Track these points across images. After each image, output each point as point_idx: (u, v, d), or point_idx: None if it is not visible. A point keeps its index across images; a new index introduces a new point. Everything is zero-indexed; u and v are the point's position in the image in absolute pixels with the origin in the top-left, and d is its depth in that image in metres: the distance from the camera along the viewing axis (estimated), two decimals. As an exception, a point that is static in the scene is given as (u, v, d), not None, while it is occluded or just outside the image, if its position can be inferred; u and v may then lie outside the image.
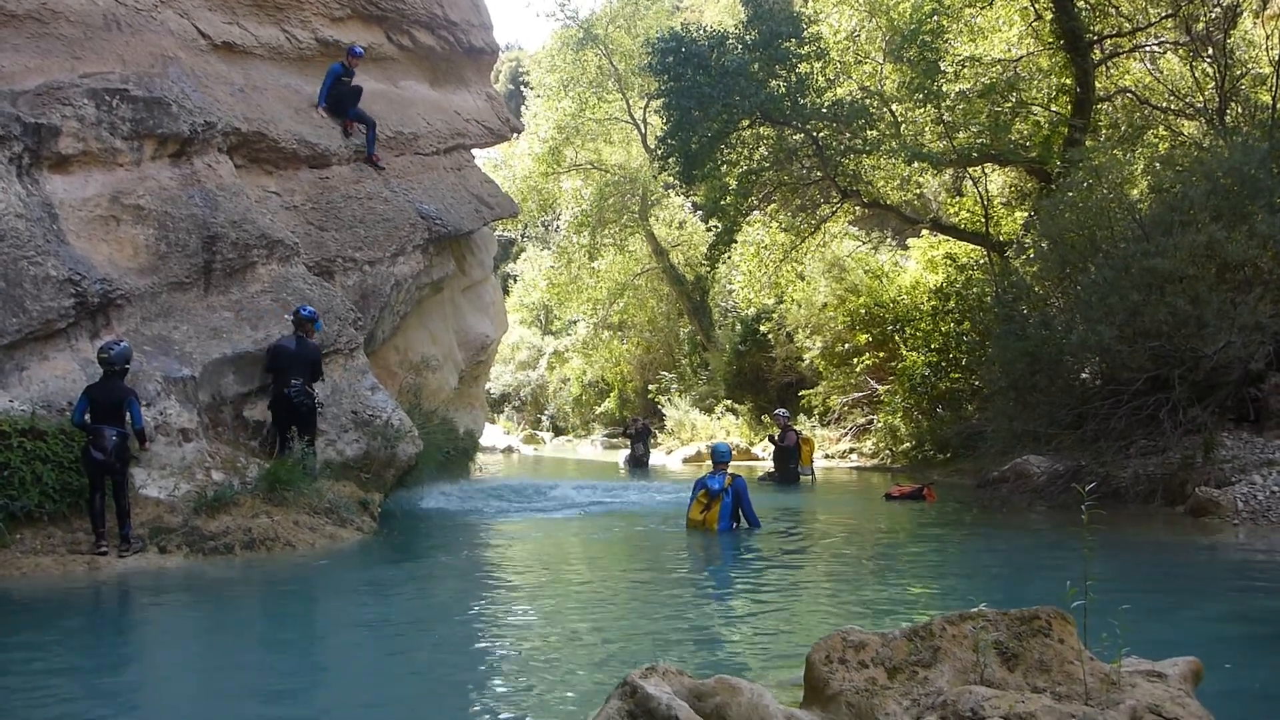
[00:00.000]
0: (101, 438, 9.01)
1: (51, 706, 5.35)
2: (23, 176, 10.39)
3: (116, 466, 9.17)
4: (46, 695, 5.52)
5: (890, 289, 26.77)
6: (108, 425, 9.07)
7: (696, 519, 11.90)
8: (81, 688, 5.74)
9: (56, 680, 5.81)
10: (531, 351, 50.22)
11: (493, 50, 20.83)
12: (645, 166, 35.50)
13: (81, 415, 9.18)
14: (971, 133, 21.59)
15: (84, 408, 9.19)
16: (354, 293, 14.19)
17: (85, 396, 9.22)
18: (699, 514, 11.89)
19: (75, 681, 5.85)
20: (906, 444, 23.63)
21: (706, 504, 11.83)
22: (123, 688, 5.84)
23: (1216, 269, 13.74)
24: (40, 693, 5.54)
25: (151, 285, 11.14)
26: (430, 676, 6.13)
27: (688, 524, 12.04)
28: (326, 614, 8.20)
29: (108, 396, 9.20)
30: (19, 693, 5.49)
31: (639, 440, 24.93)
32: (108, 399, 9.18)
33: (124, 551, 9.21)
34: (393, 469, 12.77)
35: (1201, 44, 20.66)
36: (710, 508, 11.80)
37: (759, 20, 21.65)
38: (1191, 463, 12.87)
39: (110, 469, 9.13)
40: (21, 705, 5.30)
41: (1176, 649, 4.33)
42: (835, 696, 3.76)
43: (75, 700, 5.50)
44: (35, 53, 11.07)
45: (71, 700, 5.49)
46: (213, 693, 5.79)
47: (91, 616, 7.86)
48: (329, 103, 14.96)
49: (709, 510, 11.80)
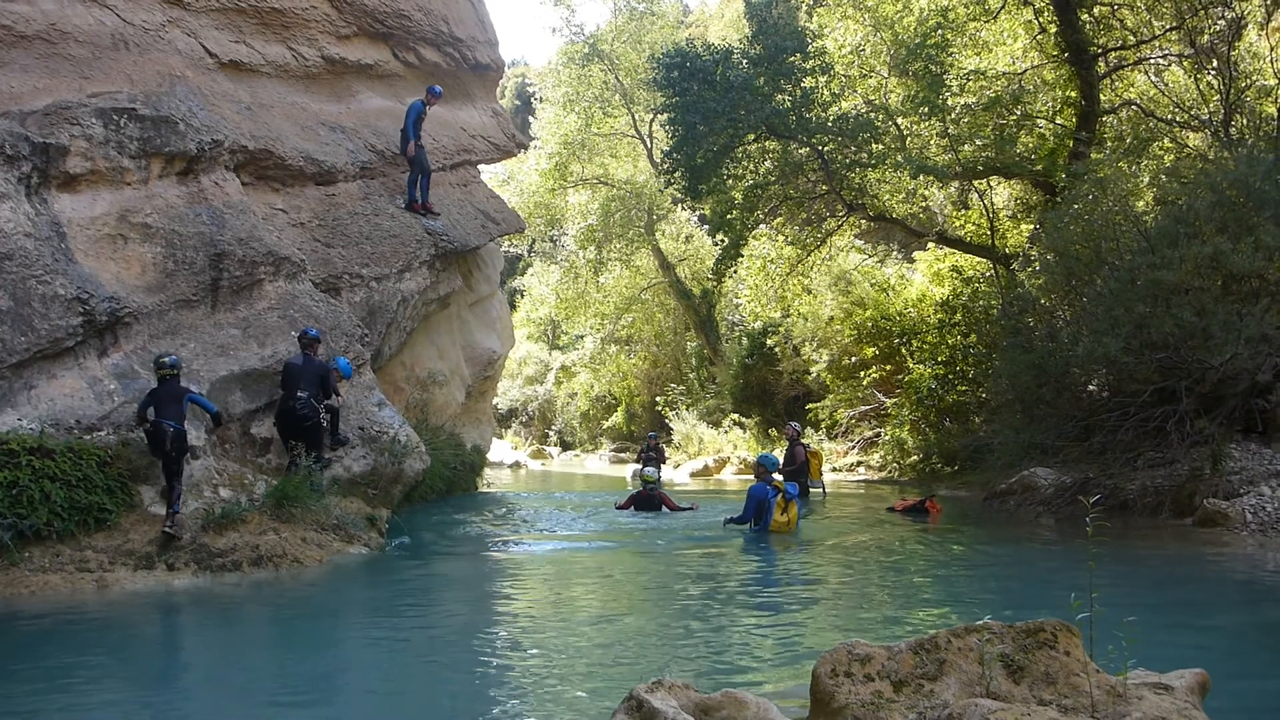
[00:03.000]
0: (161, 432, 9.69)
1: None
2: (31, 196, 10.45)
3: (173, 455, 9.80)
4: (53, 713, 5.52)
5: (896, 302, 26.79)
6: (166, 419, 9.75)
7: (781, 521, 12.83)
8: (90, 704, 5.74)
9: (63, 696, 5.82)
10: (539, 366, 50.29)
11: (498, 66, 20.94)
12: (651, 181, 35.59)
13: (144, 412, 9.94)
14: (977, 146, 21.62)
15: (148, 404, 9.93)
16: (361, 309, 14.24)
17: (151, 396, 9.99)
18: (782, 516, 12.84)
19: (83, 698, 5.86)
20: (914, 457, 23.59)
21: (785, 507, 12.85)
22: (130, 705, 5.84)
23: (1222, 281, 13.73)
24: (46, 711, 5.54)
25: (159, 303, 11.18)
26: (436, 692, 6.13)
27: (772, 527, 12.80)
28: (334, 630, 8.20)
29: (170, 393, 9.95)
30: (24, 713, 5.50)
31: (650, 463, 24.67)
32: (170, 395, 9.94)
33: (168, 528, 9.72)
34: (400, 484, 12.78)
35: (1206, 56, 20.67)
36: (788, 510, 12.86)
37: (764, 35, 21.71)
38: (1199, 474, 12.84)
39: (168, 458, 9.79)
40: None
41: (1183, 661, 4.31)
42: (841, 710, 3.76)
43: (80, 716, 5.51)
44: (44, 73, 11.16)
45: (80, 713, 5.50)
46: (220, 710, 5.79)
47: (100, 634, 7.85)
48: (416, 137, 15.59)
49: (788, 512, 12.86)
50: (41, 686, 5.98)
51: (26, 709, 5.56)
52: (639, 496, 16.13)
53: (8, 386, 9.63)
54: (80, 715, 5.54)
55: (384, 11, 16.57)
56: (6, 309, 9.62)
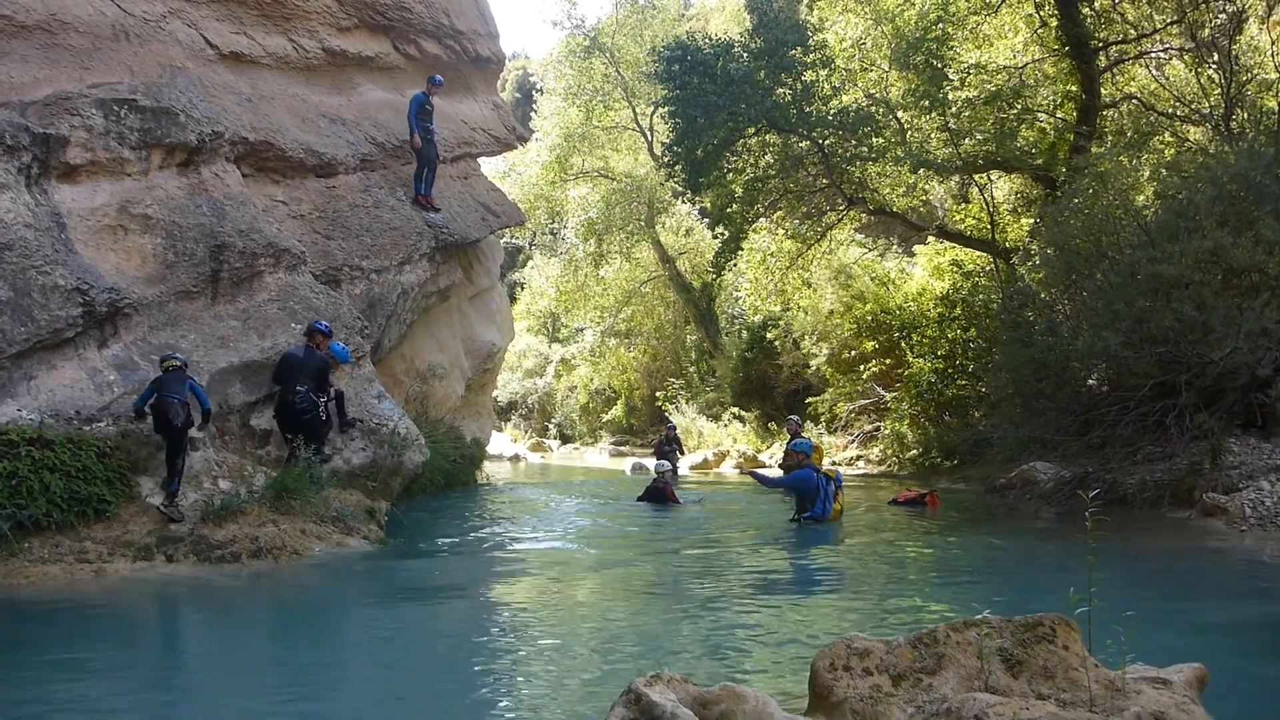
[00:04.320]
0: (166, 405, 9.85)
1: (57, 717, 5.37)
2: (31, 186, 10.44)
3: (179, 428, 9.94)
4: (54, 703, 5.53)
5: (896, 296, 26.78)
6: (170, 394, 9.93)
7: (838, 508, 13.10)
8: (89, 695, 5.75)
9: (69, 687, 5.82)
10: (538, 359, 50.24)
11: (499, 59, 20.92)
12: (652, 174, 35.54)
13: (145, 401, 10.04)
14: (977, 140, 21.59)
15: (151, 393, 10.03)
16: (361, 301, 14.23)
17: (154, 384, 10.08)
18: (836, 505, 13.11)
19: (82, 689, 5.86)
20: (913, 451, 23.59)
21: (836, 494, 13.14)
22: (129, 696, 5.85)
23: (1223, 275, 13.72)
24: (46, 700, 5.55)
25: (159, 294, 11.18)
26: (435, 685, 6.14)
27: (833, 516, 13.03)
28: (333, 623, 8.20)
29: (174, 380, 10.07)
30: (23, 703, 5.51)
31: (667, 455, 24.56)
32: (174, 381, 10.06)
33: (166, 506, 9.93)
34: (399, 477, 12.78)
35: (1207, 50, 20.65)
36: (838, 498, 13.17)
37: (764, 28, 21.69)
38: (1199, 469, 12.83)
39: (175, 432, 9.93)
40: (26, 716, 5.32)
41: (1182, 655, 4.32)
42: (840, 704, 3.76)
43: (83, 706, 5.52)
44: (44, 63, 11.14)
45: (79, 707, 5.51)
46: (221, 700, 5.80)
47: (100, 625, 7.86)
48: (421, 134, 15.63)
49: (839, 500, 13.19)
50: (46, 677, 5.99)
51: (32, 698, 5.57)
52: (651, 488, 16.28)
53: (7, 377, 9.63)
54: (86, 705, 5.55)
55: (385, 4, 16.55)
56: (6, 299, 9.61)
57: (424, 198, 16.08)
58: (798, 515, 13.01)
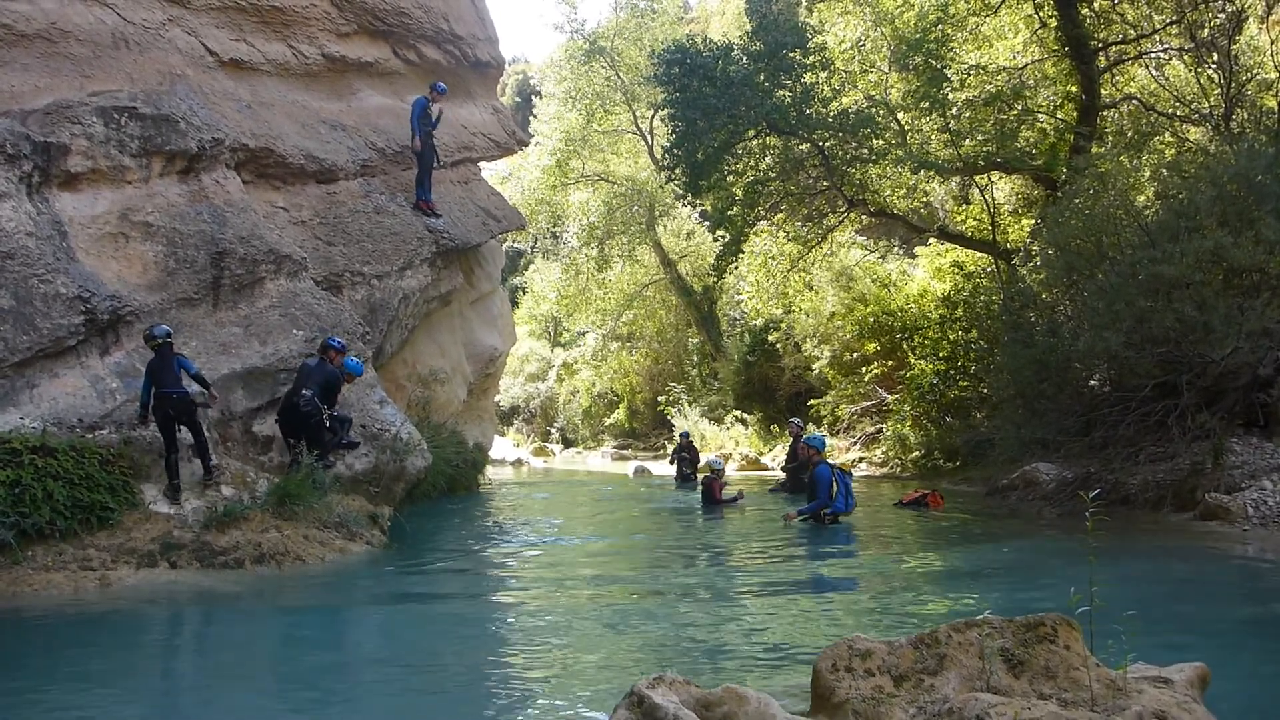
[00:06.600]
0: (165, 401, 9.99)
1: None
2: (33, 195, 10.47)
3: (185, 420, 10.18)
4: (60, 711, 5.54)
5: (898, 298, 26.78)
6: (167, 388, 10.02)
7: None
8: (95, 703, 5.76)
9: (76, 695, 5.83)
10: (540, 363, 50.23)
11: (499, 64, 20.95)
12: (652, 177, 35.55)
13: (147, 392, 10.14)
14: (978, 141, 21.60)
15: (149, 384, 10.13)
16: (362, 306, 14.24)
17: (148, 373, 10.15)
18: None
19: (88, 697, 5.87)
20: (916, 452, 23.57)
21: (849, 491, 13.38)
22: (134, 704, 5.86)
23: (1223, 275, 13.73)
24: (53, 708, 5.56)
25: (160, 301, 11.19)
26: (438, 689, 6.14)
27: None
28: (336, 628, 8.21)
29: (164, 365, 10.10)
30: (31, 712, 5.52)
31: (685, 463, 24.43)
32: (165, 366, 10.10)
33: (207, 480, 10.46)
34: (402, 482, 12.79)
35: (1207, 50, 20.65)
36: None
37: (764, 31, 21.71)
38: (1201, 469, 12.83)
39: (193, 424, 10.27)
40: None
41: (1184, 655, 4.33)
42: (842, 704, 3.77)
43: (90, 713, 5.52)
44: (45, 72, 11.17)
45: (86, 715, 5.52)
46: (225, 706, 5.81)
47: (105, 632, 7.87)
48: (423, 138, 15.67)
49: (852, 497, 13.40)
50: (51, 685, 6.00)
51: (38, 707, 5.57)
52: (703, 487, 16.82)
53: (10, 385, 9.64)
54: (93, 713, 5.55)
55: (384, 9, 16.57)
56: (8, 308, 9.63)
57: (425, 203, 16.10)
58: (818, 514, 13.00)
